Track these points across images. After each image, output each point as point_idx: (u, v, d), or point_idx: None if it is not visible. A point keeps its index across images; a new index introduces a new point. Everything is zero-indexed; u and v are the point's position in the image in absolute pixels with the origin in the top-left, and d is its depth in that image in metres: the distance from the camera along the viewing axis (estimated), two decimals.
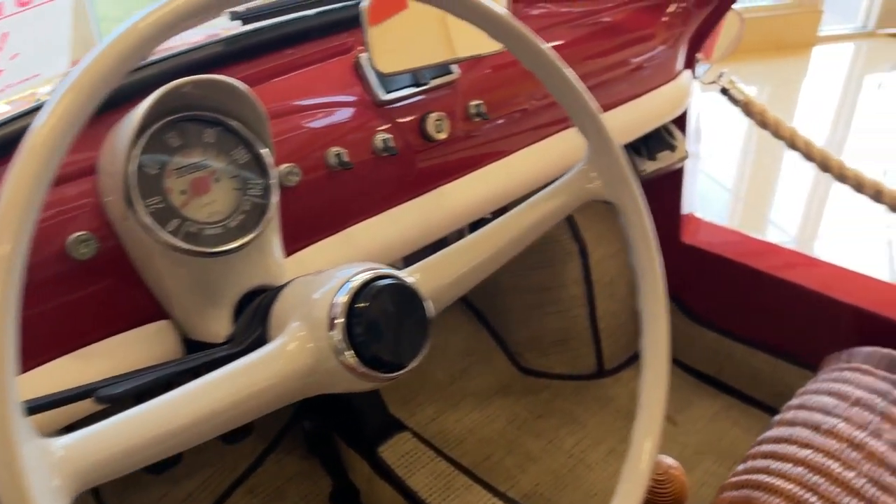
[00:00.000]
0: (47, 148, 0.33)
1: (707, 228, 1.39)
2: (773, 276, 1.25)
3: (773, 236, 2.31)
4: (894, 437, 0.94)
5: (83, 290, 0.56)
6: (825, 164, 1.10)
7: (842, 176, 1.09)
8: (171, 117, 0.56)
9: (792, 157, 1.24)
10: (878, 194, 1.14)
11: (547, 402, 1.40)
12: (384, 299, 0.45)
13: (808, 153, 1.12)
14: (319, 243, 0.69)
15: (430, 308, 0.47)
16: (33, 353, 0.55)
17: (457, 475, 1.08)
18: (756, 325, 1.31)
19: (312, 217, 0.69)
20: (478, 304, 1.51)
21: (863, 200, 1.22)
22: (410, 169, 0.76)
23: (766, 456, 0.95)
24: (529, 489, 1.22)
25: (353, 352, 0.44)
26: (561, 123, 0.92)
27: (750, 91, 1.23)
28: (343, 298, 0.44)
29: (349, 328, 0.44)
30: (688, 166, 1.35)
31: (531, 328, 1.43)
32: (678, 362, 1.44)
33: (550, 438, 1.32)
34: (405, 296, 0.46)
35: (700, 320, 1.38)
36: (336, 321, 0.44)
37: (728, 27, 1.24)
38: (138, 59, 0.36)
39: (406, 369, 0.46)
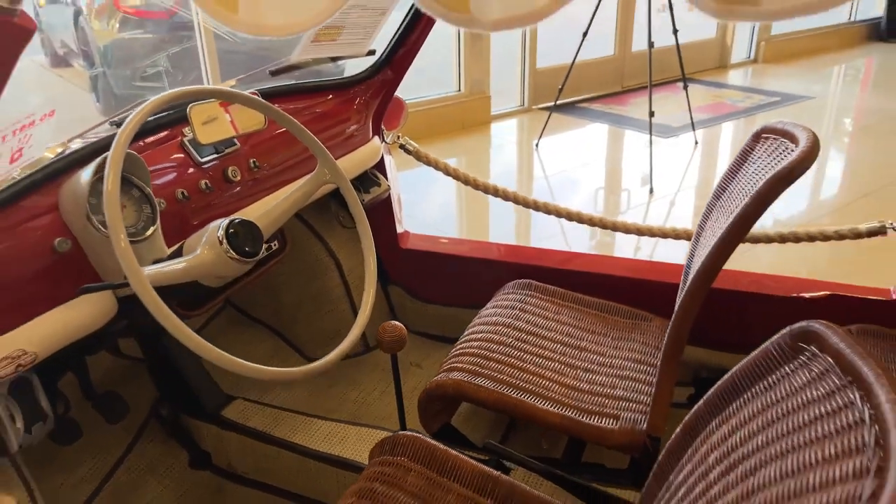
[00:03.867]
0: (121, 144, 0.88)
1: (417, 237, 2.09)
2: (460, 257, 1.97)
3: None
4: (526, 318, 1.67)
5: (66, 270, 1.04)
6: (466, 181, 1.86)
7: (486, 189, 1.85)
8: (102, 173, 1.07)
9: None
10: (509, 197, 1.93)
11: (333, 376, 1.96)
12: (240, 226, 1.02)
13: (457, 176, 1.87)
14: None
15: (261, 230, 1.06)
16: (34, 308, 1.01)
17: (286, 414, 1.60)
18: (457, 291, 2.01)
19: (178, 226, 1.22)
20: (272, 323, 2.04)
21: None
22: (223, 198, 1.32)
23: (461, 343, 1.61)
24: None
25: (234, 252, 1.00)
26: (307, 171, 1.54)
27: (451, 160, 1.97)
28: (221, 232, 1.01)
29: (230, 242, 1.00)
30: (396, 200, 2.04)
31: (312, 329, 2.00)
32: (414, 332, 2.10)
33: (341, 396, 1.88)
34: (248, 225, 1.04)
35: (422, 298, 2.06)
36: (223, 241, 1.00)
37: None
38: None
39: (259, 256, 1.03)
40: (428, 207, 3.65)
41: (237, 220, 1.02)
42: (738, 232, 1.16)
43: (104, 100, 5.55)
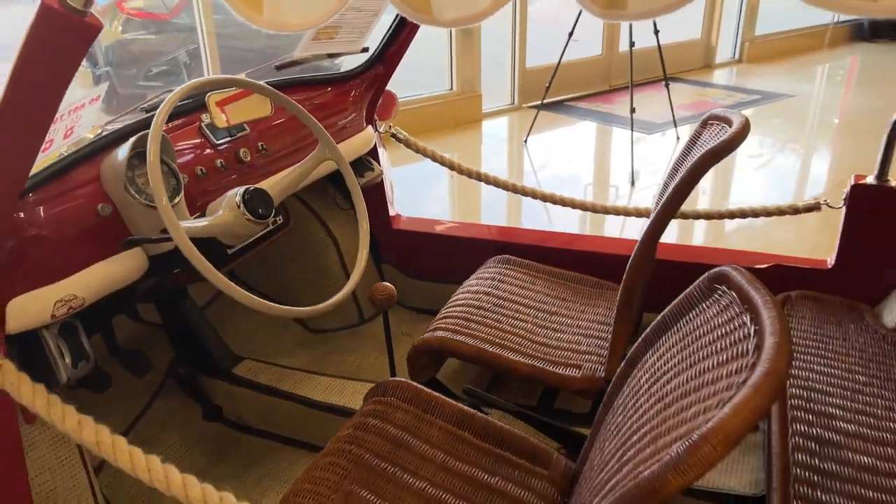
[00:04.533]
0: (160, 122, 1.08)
1: (407, 219, 2.28)
2: (446, 236, 2.17)
3: None
4: (504, 287, 1.86)
5: (107, 231, 1.24)
6: (451, 166, 2.05)
7: (469, 174, 2.05)
8: (137, 150, 1.27)
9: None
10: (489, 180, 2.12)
11: (331, 345, 2.15)
12: (254, 193, 1.22)
13: (442, 161, 2.07)
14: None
15: (273, 197, 1.25)
16: (83, 260, 1.20)
17: (290, 372, 1.79)
18: (444, 268, 2.21)
19: (198, 198, 1.41)
20: (276, 297, 2.22)
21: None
22: (234, 176, 1.52)
23: (446, 309, 1.80)
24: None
25: (249, 214, 1.20)
26: (308, 154, 1.73)
27: (448, 154, 2.17)
28: (239, 198, 1.21)
29: (246, 206, 1.20)
30: (389, 185, 2.24)
31: (313, 302, 2.18)
32: (405, 306, 2.29)
33: (339, 361, 2.08)
34: (261, 192, 1.23)
35: (412, 275, 2.26)
36: (240, 205, 1.20)
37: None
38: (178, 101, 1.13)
39: (271, 217, 1.23)
40: (421, 204, 3.86)
41: (252, 188, 1.22)
42: (676, 202, 1.36)
43: (107, 98, 5.73)
